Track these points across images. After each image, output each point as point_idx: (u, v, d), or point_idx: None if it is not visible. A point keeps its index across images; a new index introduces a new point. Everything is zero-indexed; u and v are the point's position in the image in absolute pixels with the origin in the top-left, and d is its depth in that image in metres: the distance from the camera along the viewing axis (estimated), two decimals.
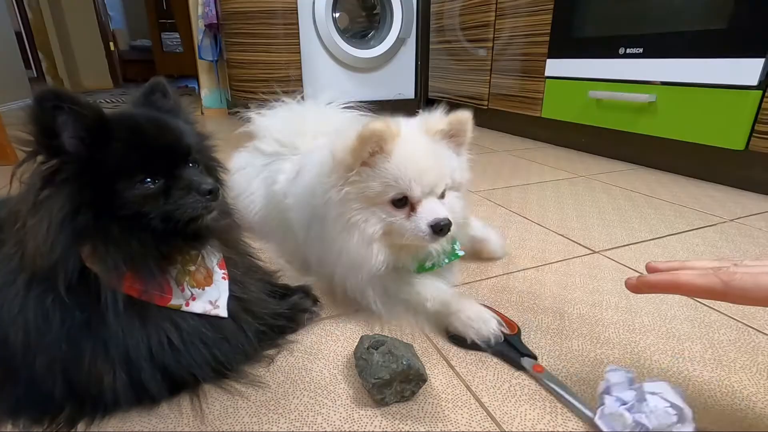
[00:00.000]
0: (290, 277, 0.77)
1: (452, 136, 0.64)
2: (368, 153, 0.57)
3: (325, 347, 0.61)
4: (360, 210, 0.60)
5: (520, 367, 0.56)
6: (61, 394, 0.46)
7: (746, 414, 0.48)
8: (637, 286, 0.47)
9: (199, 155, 0.52)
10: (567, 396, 0.51)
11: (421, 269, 0.68)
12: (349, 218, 0.60)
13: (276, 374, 0.56)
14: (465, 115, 0.63)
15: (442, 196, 0.62)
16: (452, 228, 0.59)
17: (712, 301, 0.72)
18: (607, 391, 0.46)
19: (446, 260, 0.70)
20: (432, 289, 0.66)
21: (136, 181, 0.45)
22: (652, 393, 0.43)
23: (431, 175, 0.59)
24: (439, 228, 0.57)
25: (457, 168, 0.65)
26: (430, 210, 0.58)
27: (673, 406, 0.42)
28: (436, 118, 0.63)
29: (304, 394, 0.52)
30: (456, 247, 0.71)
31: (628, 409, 0.43)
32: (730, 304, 0.71)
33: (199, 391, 0.51)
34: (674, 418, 0.41)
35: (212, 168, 0.56)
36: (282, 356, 0.59)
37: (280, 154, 0.88)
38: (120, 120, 0.47)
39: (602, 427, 0.44)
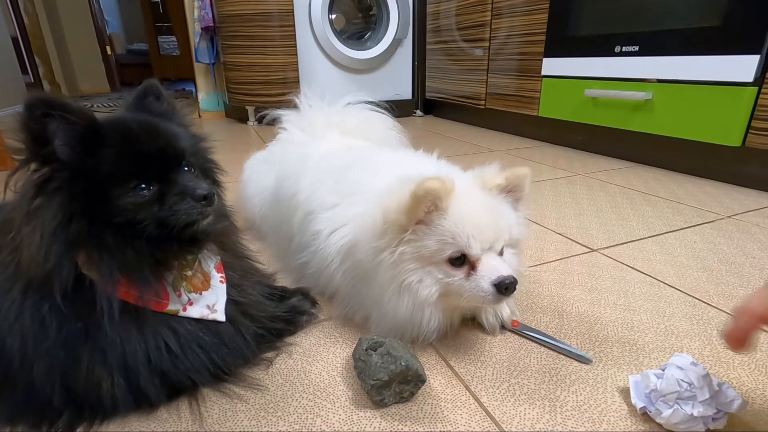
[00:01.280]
0: (288, 279, 0.77)
1: (509, 191, 0.60)
2: (423, 212, 0.53)
3: (324, 349, 0.61)
4: (415, 270, 0.55)
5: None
6: (59, 400, 0.46)
7: (745, 410, 0.48)
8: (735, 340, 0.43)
9: (194, 158, 0.51)
10: (542, 337, 0.61)
11: None
12: (402, 280, 0.55)
13: (275, 377, 0.56)
14: (523, 171, 0.59)
15: (500, 253, 0.58)
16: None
17: (711, 298, 0.72)
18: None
19: None
20: None
21: (129, 188, 0.44)
22: (678, 367, 0.48)
23: (490, 231, 0.55)
24: (504, 287, 0.52)
25: (515, 223, 0.60)
26: (492, 268, 0.53)
27: (686, 381, 0.46)
28: (493, 173, 0.60)
29: (303, 397, 0.52)
30: None
31: (657, 375, 0.49)
32: (729, 302, 0.71)
33: (197, 395, 0.51)
34: (678, 389, 0.46)
35: (208, 170, 0.56)
36: (281, 359, 0.59)
37: (302, 143, 0.90)
38: (112, 125, 0.46)
39: (630, 383, 0.51)
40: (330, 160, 0.78)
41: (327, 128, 0.91)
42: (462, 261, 0.54)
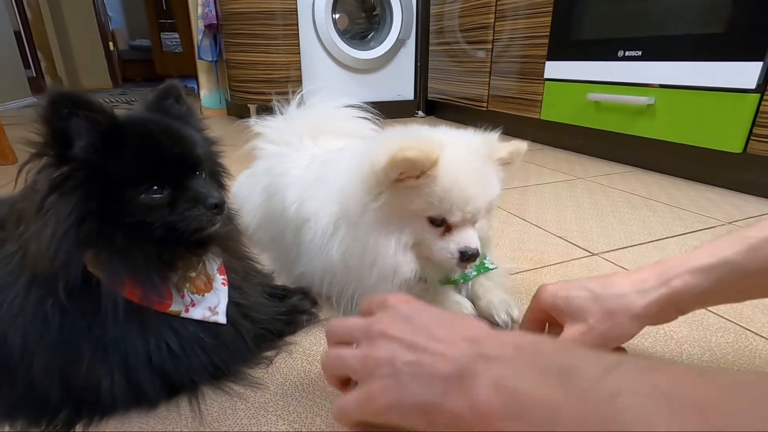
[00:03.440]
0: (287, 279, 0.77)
1: (506, 163, 0.62)
2: (395, 176, 0.55)
3: (324, 348, 0.61)
4: (399, 219, 0.58)
5: None
6: (58, 397, 0.46)
7: None
8: None
9: (206, 162, 0.52)
10: None
11: (447, 282, 0.68)
12: (387, 224, 0.58)
13: (275, 376, 0.56)
14: (523, 147, 0.63)
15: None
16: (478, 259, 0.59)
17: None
18: None
19: (474, 273, 0.69)
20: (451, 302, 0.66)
21: (142, 190, 0.44)
22: None
23: (475, 204, 0.57)
24: (467, 256, 0.57)
25: (498, 193, 0.62)
26: (464, 237, 0.58)
27: None
28: (498, 144, 0.62)
29: (302, 396, 0.52)
30: (486, 261, 0.70)
31: None
32: (729, 308, 0.71)
33: (197, 393, 0.51)
34: None
35: (216, 173, 0.56)
36: (281, 358, 0.59)
37: (283, 154, 0.87)
38: (133, 126, 0.46)
39: None
40: (311, 167, 0.77)
41: (300, 136, 0.88)
42: (441, 223, 0.58)
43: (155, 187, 0.45)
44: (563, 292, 0.48)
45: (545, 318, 0.51)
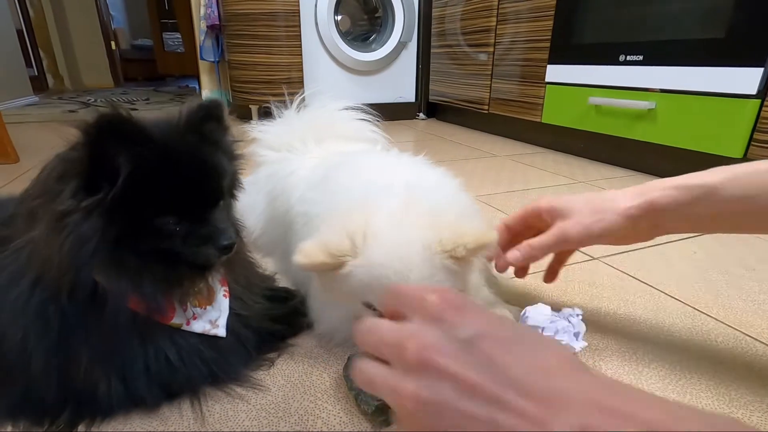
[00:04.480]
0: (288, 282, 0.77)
1: (463, 257, 0.48)
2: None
3: (326, 351, 0.61)
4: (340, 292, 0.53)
5: None
6: (55, 398, 0.46)
7: (744, 421, 0.49)
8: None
9: (228, 189, 0.51)
10: None
11: None
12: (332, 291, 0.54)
13: (276, 378, 0.56)
14: (489, 238, 0.48)
15: None
16: None
17: (711, 310, 0.72)
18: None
19: None
20: None
21: (163, 222, 0.44)
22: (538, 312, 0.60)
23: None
24: None
25: (453, 281, 0.51)
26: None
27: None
28: (459, 233, 0.47)
29: (304, 398, 0.53)
30: None
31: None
32: (729, 314, 0.71)
33: (199, 395, 0.52)
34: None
35: (232, 187, 0.55)
36: (282, 360, 0.59)
37: (286, 159, 0.87)
38: (167, 157, 0.43)
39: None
40: (318, 171, 0.75)
41: (304, 140, 0.87)
42: (374, 308, 0.51)
43: (174, 220, 0.44)
44: (561, 198, 0.59)
45: (530, 219, 0.61)
